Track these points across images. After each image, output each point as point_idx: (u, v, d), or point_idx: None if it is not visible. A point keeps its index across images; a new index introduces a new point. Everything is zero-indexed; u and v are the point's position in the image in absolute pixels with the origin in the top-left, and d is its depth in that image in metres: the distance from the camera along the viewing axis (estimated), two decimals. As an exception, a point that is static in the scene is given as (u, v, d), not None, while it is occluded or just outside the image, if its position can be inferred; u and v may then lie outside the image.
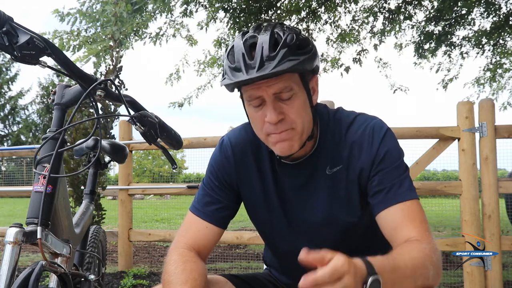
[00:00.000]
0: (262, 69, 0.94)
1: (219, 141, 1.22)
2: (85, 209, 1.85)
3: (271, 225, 1.19)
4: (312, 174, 1.12)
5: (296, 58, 0.96)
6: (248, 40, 0.99)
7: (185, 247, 1.10)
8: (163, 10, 5.92)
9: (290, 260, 1.22)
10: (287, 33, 0.98)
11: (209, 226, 1.14)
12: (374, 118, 1.12)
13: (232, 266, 4.37)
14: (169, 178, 7.93)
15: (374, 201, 1.04)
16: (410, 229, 0.98)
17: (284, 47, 0.96)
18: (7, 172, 11.26)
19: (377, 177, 1.05)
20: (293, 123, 1.01)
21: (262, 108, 1.02)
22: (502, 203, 4.07)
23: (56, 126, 1.16)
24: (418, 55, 7.17)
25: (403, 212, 1.00)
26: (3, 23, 0.96)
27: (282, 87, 0.98)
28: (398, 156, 1.07)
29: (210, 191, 1.18)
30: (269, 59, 0.95)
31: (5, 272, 0.95)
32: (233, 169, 1.17)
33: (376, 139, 1.06)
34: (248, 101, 1.03)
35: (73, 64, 1.10)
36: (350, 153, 1.08)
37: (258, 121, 1.04)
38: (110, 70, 3.56)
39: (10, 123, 27.92)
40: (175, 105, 7.56)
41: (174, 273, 1.02)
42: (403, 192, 1.02)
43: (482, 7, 6.32)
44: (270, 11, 5.98)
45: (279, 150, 1.05)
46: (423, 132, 3.29)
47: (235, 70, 0.98)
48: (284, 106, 1.00)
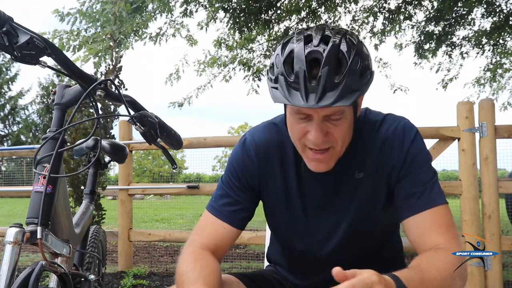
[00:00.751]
0: (323, 100, 0.88)
1: (241, 140, 1.18)
2: (85, 209, 1.85)
3: (292, 226, 1.17)
4: (340, 178, 1.09)
5: (358, 89, 0.90)
6: (312, 54, 0.90)
7: (199, 246, 1.08)
8: (163, 10, 5.92)
9: (304, 260, 1.22)
10: (353, 54, 0.90)
11: (226, 227, 1.11)
12: (404, 119, 1.11)
13: (232, 266, 4.37)
14: (169, 178, 7.94)
15: (404, 205, 1.03)
16: (438, 235, 0.97)
17: (349, 75, 0.89)
18: (7, 172, 11.25)
19: (407, 179, 1.04)
20: (335, 142, 0.98)
21: (307, 122, 0.97)
22: (502, 203, 4.07)
23: (56, 126, 1.16)
24: (418, 55, 7.17)
25: (432, 218, 0.99)
26: (3, 23, 0.96)
27: (335, 111, 0.94)
28: (428, 159, 1.06)
29: (230, 191, 1.14)
30: (331, 87, 0.88)
31: (5, 272, 0.95)
32: (255, 170, 1.13)
33: (408, 139, 1.05)
34: (294, 112, 0.98)
35: (73, 64, 1.10)
36: (380, 152, 1.06)
37: (298, 132, 0.99)
38: (110, 70, 3.56)
39: (10, 123, 27.94)
40: (175, 105, 7.57)
41: (185, 271, 1.00)
42: (433, 198, 1.01)
43: (483, 7, 6.32)
44: (270, 11, 5.98)
45: (314, 167, 1.02)
46: (423, 132, 3.28)
47: (292, 88, 0.91)
48: (331, 126, 0.96)
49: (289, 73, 0.91)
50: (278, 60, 0.95)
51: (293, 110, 0.98)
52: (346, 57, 0.90)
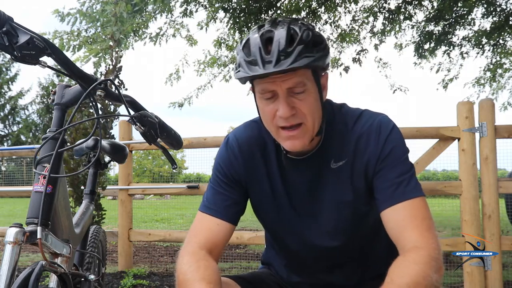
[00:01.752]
0: (279, 65, 0.95)
1: (224, 140, 1.23)
2: (85, 209, 1.85)
3: (280, 222, 1.20)
4: (319, 168, 1.13)
5: (312, 55, 0.98)
6: (265, 34, 1.00)
7: (196, 247, 1.10)
8: (163, 10, 5.92)
9: (300, 257, 1.24)
10: (303, 29, 0.99)
11: (220, 223, 1.14)
12: (381, 114, 1.14)
13: (232, 266, 4.37)
14: (169, 178, 7.93)
15: (381, 197, 1.06)
16: (411, 230, 0.99)
17: (301, 43, 0.97)
18: (7, 172, 11.25)
19: (384, 172, 1.06)
20: (304, 118, 1.03)
21: (274, 101, 1.03)
22: (502, 203, 4.07)
23: (56, 126, 1.16)
24: (418, 55, 7.17)
25: (406, 211, 1.02)
26: (3, 23, 0.96)
27: (296, 82, 1.00)
28: (404, 152, 1.09)
29: (219, 188, 1.18)
30: (285, 54, 0.96)
31: (5, 272, 0.95)
32: (240, 166, 1.17)
33: (383, 133, 1.08)
34: (261, 94, 1.04)
35: (73, 64, 1.10)
36: (356, 146, 1.10)
37: (269, 114, 1.05)
38: (110, 70, 3.56)
39: (10, 123, 27.93)
40: (175, 105, 7.57)
41: (189, 271, 1.02)
42: (409, 190, 1.03)
43: (483, 7, 6.32)
44: (270, 11, 5.98)
45: (289, 146, 1.06)
46: (423, 132, 3.29)
47: (251, 64, 0.99)
48: (296, 101, 1.02)
49: (247, 54, 1.01)
50: (238, 50, 1.04)
51: (259, 91, 1.04)
52: (297, 31, 0.99)
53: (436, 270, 0.94)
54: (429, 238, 0.98)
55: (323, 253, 1.19)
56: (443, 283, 3.49)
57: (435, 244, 0.98)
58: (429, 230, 1.00)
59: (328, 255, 1.20)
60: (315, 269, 1.25)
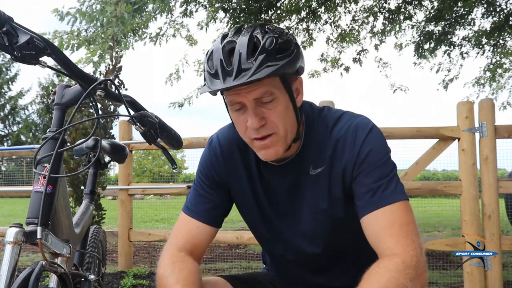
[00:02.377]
0: (238, 78, 0.92)
1: (208, 140, 1.21)
2: (85, 209, 1.85)
3: (264, 224, 1.18)
4: (298, 175, 1.10)
5: (275, 64, 0.93)
6: (226, 46, 0.96)
7: (175, 248, 1.10)
8: (163, 10, 5.92)
9: (286, 260, 1.22)
10: (266, 37, 0.94)
11: (200, 226, 1.13)
12: (359, 116, 1.09)
13: (232, 266, 4.37)
14: (169, 178, 7.93)
15: (359, 203, 1.02)
16: (388, 238, 0.96)
17: (263, 52, 0.93)
18: (7, 172, 11.24)
19: (361, 178, 1.02)
20: (275, 128, 1.00)
21: (244, 113, 1.00)
22: (502, 203, 4.07)
23: (56, 126, 1.16)
24: (418, 55, 7.17)
25: (383, 217, 0.98)
26: (3, 23, 0.96)
27: (262, 92, 0.96)
28: (383, 155, 1.03)
29: (201, 190, 1.17)
30: (247, 66, 0.92)
31: (5, 272, 0.95)
32: (222, 167, 1.16)
33: (360, 138, 1.04)
34: (230, 105, 1.02)
35: (73, 64, 1.10)
36: (333, 152, 1.06)
37: (241, 125, 1.02)
38: (110, 70, 3.56)
39: (10, 123, 27.93)
40: (175, 105, 7.57)
41: (164, 276, 1.03)
42: (387, 195, 0.99)
43: (483, 7, 6.32)
44: (270, 11, 5.98)
45: (263, 155, 1.03)
46: (423, 132, 3.29)
47: (213, 77, 0.96)
48: (265, 110, 0.98)
49: (211, 67, 0.98)
50: (204, 62, 1.02)
51: (228, 103, 1.02)
52: (260, 39, 0.94)
53: (412, 278, 0.90)
54: (406, 246, 0.94)
55: (307, 257, 1.18)
56: (443, 283, 3.49)
57: (413, 251, 0.93)
58: (407, 236, 0.95)
59: (312, 259, 1.18)
60: (302, 271, 1.23)
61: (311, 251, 1.15)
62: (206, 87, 0.98)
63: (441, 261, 3.88)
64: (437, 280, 3.57)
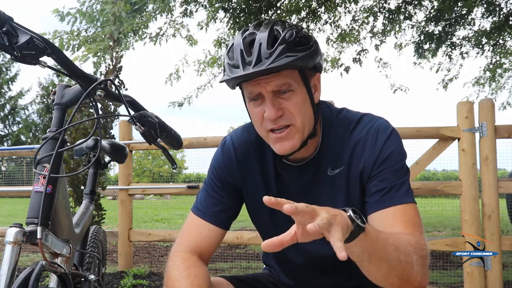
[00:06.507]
0: (258, 65, 0.94)
1: (221, 142, 1.21)
2: (85, 209, 1.85)
3: (274, 227, 1.18)
4: (315, 175, 1.11)
5: (294, 55, 0.95)
6: (247, 37, 0.99)
7: (187, 251, 1.10)
8: (163, 10, 5.92)
9: (294, 262, 1.22)
10: (286, 30, 0.97)
11: (211, 228, 1.13)
12: (380, 119, 1.11)
13: (232, 266, 4.37)
14: (169, 178, 7.92)
15: (370, 200, 1.04)
16: (401, 228, 0.97)
17: (283, 43, 0.95)
18: (7, 172, 11.25)
19: (378, 177, 1.04)
20: (292, 119, 1.01)
21: (261, 104, 1.02)
22: (502, 203, 4.07)
23: (56, 126, 1.16)
24: (418, 55, 7.16)
25: (396, 215, 0.99)
26: (3, 23, 0.96)
27: (280, 83, 0.98)
28: (401, 158, 1.06)
29: (212, 192, 1.17)
30: (266, 55, 0.95)
31: (5, 272, 0.95)
32: (235, 170, 1.16)
33: (381, 139, 1.06)
34: (248, 97, 1.04)
35: (73, 64, 1.10)
36: (352, 153, 1.07)
37: (258, 117, 1.03)
38: (110, 70, 3.56)
39: (10, 123, 27.91)
40: (175, 105, 7.56)
41: (178, 279, 1.02)
42: (400, 195, 1.01)
43: (483, 7, 6.32)
44: (270, 11, 5.98)
45: (279, 148, 1.04)
46: (423, 132, 3.29)
47: (233, 67, 0.99)
48: (283, 101, 1.00)
49: (231, 58, 1.01)
50: (224, 55, 1.04)
51: (246, 94, 1.03)
52: (280, 31, 0.97)
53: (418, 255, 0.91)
54: (421, 238, 0.96)
55: (317, 259, 1.18)
56: (443, 283, 3.49)
57: (425, 245, 0.95)
58: (420, 233, 0.97)
59: (322, 261, 1.18)
60: (309, 273, 1.23)
61: (324, 253, 1.14)
62: (225, 76, 1.01)
63: (441, 261, 3.89)
64: (437, 280, 3.57)
